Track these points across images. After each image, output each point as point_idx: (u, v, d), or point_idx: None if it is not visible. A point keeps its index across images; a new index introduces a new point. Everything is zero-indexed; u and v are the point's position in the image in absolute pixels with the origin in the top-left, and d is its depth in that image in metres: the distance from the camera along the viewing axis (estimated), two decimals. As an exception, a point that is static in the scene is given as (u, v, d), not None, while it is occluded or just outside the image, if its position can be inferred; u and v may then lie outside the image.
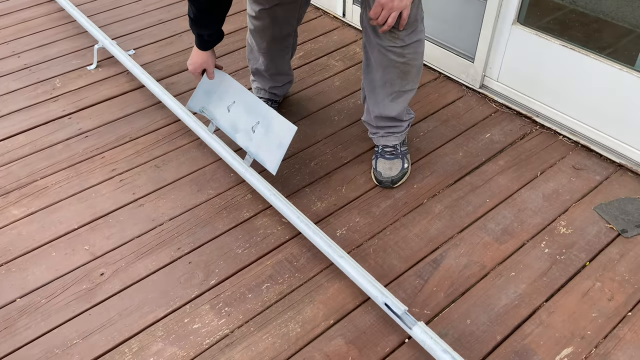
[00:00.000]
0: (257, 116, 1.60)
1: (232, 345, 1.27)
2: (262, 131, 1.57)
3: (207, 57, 1.62)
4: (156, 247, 1.50)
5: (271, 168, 1.53)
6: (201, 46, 1.58)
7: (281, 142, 1.52)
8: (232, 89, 1.67)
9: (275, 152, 1.53)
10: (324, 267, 1.44)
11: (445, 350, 1.15)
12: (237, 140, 1.63)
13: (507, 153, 1.77)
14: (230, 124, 1.65)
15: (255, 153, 1.58)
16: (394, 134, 1.70)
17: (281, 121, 1.54)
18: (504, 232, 1.52)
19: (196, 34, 1.55)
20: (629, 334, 1.26)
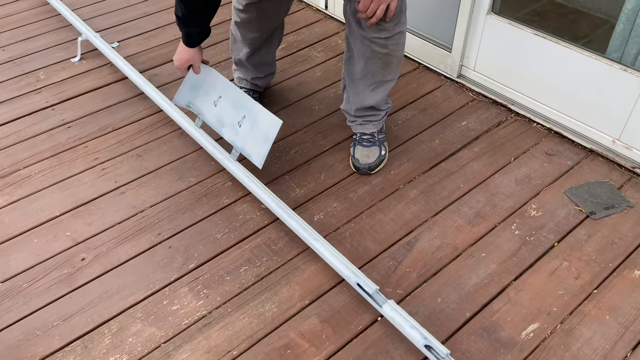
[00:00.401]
0: (243, 110, 1.61)
1: (210, 325, 1.31)
2: (248, 125, 1.59)
3: (194, 54, 1.62)
4: (137, 232, 1.53)
5: (257, 162, 1.55)
6: (189, 43, 1.59)
7: (267, 136, 1.54)
8: (219, 84, 1.68)
9: (261, 146, 1.55)
10: (301, 251, 1.48)
11: (413, 326, 1.19)
12: (224, 134, 1.64)
13: (482, 140, 1.82)
14: (217, 118, 1.67)
15: (242, 147, 1.59)
16: (372, 122, 1.73)
17: (267, 115, 1.56)
18: (477, 215, 1.56)
19: (184, 33, 1.56)
20: (593, 310, 1.31)
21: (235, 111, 1.63)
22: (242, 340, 1.27)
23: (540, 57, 1.79)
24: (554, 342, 1.25)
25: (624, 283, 1.36)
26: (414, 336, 1.18)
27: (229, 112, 1.64)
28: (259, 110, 1.58)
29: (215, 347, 1.26)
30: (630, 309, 1.31)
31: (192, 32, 1.54)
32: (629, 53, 1.64)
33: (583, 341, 1.25)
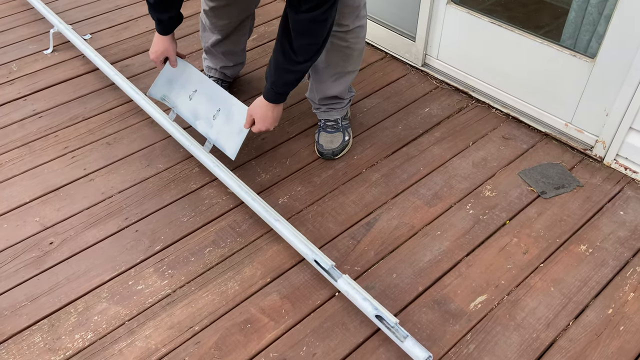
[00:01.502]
0: (218, 104, 1.64)
1: (173, 303, 1.36)
2: (223, 118, 1.62)
3: (168, 44, 1.66)
4: (105, 217, 1.57)
5: (230, 153, 1.59)
6: (162, 31, 1.62)
7: (241, 129, 1.58)
8: (194, 78, 1.71)
9: (235, 138, 1.58)
10: (264, 232, 1.53)
11: (365, 298, 1.25)
12: (197, 127, 1.67)
13: (443, 125, 1.88)
14: (191, 111, 1.69)
15: (215, 139, 1.62)
16: (336, 109, 1.79)
17: (241, 108, 1.59)
18: (434, 197, 1.62)
19: (156, 19, 1.59)
20: (539, 283, 1.38)
21: (210, 105, 1.65)
22: (204, 317, 1.33)
23: (497, 45, 1.85)
24: (501, 312, 1.31)
25: (570, 257, 1.43)
26: (366, 307, 1.24)
27: (204, 106, 1.67)
28: (233, 103, 1.61)
29: (178, 323, 1.31)
30: (574, 281, 1.38)
31: (163, 17, 1.57)
32: (582, 40, 1.71)
33: (528, 311, 1.32)
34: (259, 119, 1.52)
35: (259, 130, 1.55)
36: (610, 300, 1.34)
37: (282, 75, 1.43)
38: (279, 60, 1.40)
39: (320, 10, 1.28)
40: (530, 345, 1.25)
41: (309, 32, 1.33)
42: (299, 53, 1.36)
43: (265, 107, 1.51)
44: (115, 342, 1.27)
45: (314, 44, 1.36)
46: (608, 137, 1.65)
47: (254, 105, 1.53)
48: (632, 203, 1.58)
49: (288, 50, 1.37)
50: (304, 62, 1.39)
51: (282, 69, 1.41)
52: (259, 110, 1.52)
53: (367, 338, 1.28)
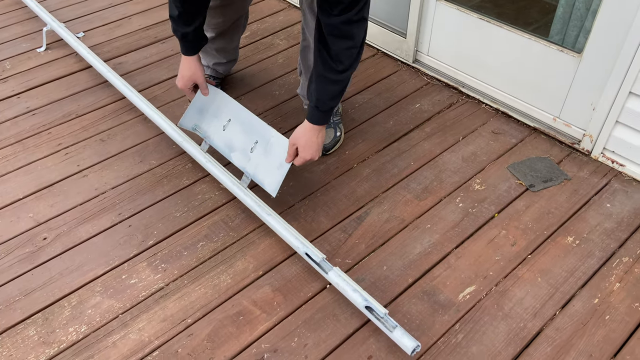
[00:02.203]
0: (255, 135, 1.54)
1: (167, 296, 1.37)
2: (261, 151, 1.52)
3: (195, 67, 1.57)
4: (98, 213, 1.58)
5: (271, 190, 1.48)
6: (188, 49, 1.54)
7: (282, 163, 1.47)
8: (227, 106, 1.62)
9: (275, 173, 1.48)
10: (257, 227, 1.55)
11: (355, 289, 1.27)
12: (233, 160, 1.57)
13: (433, 121, 1.90)
14: (226, 143, 1.59)
15: (253, 173, 1.52)
16: None
17: (282, 141, 1.49)
18: (424, 190, 1.64)
19: (180, 36, 1.52)
20: (527, 274, 1.40)
21: (246, 136, 1.55)
22: (196, 309, 1.34)
23: (486, 41, 1.87)
24: (489, 303, 1.34)
25: (557, 248, 1.46)
26: (356, 299, 1.26)
27: (239, 137, 1.57)
28: (272, 135, 1.51)
29: (171, 316, 1.33)
30: (561, 272, 1.40)
31: (188, 30, 1.49)
32: (570, 35, 1.73)
33: (515, 301, 1.34)
34: (303, 147, 1.43)
35: (304, 161, 1.44)
36: (596, 290, 1.36)
37: (326, 89, 1.36)
38: (319, 72, 1.34)
39: (354, 11, 1.24)
40: (518, 335, 1.27)
41: (345, 35, 1.28)
42: (340, 60, 1.30)
43: (310, 132, 1.42)
44: (109, 334, 1.29)
45: (353, 47, 1.30)
46: (595, 131, 1.67)
47: (296, 134, 1.44)
48: (618, 196, 1.60)
49: (327, 60, 1.31)
50: (346, 70, 1.33)
51: (325, 80, 1.34)
52: (303, 137, 1.42)
53: (357, 329, 1.30)
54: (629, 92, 1.53)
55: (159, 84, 2.07)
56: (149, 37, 2.34)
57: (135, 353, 1.25)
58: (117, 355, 1.25)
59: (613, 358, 1.23)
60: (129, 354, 1.25)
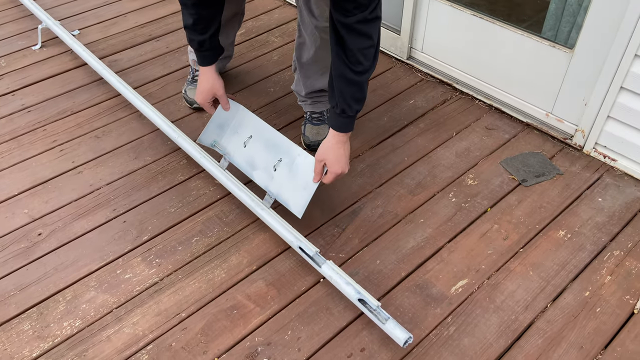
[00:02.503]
0: (279, 153, 1.48)
1: (161, 290, 1.38)
2: (285, 170, 1.45)
3: (214, 80, 1.52)
4: (93, 209, 1.59)
5: (296, 211, 1.41)
6: (205, 59, 1.49)
7: (308, 182, 1.41)
8: (248, 122, 1.55)
9: (301, 194, 1.41)
10: (251, 222, 1.56)
11: (348, 282, 1.28)
12: (255, 178, 1.51)
13: (427, 117, 1.91)
14: (247, 160, 1.52)
15: (277, 193, 1.45)
16: (322, 101, 1.81)
17: (307, 158, 1.43)
18: (418, 186, 1.65)
19: (197, 45, 1.47)
20: (518, 267, 1.41)
21: (269, 153, 1.49)
22: (191, 304, 1.35)
23: (480, 38, 1.88)
24: (481, 296, 1.35)
25: (549, 242, 1.47)
26: (349, 291, 1.27)
27: (261, 155, 1.50)
28: (299, 153, 1.45)
29: (165, 310, 1.33)
30: (552, 265, 1.41)
31: (204, 37, 1.44)
32: (563, 31, 1.74)
33: (507, 294, 1.35)
34: (332, 161, 1.37)
35: (335, 177, 1.38)
36: (587, 283, 1.37)
37: (348, 91, 1.33)
38: (340, 74, 1.31)
39: (369, 10, 1.23)
40: (509, 327, 1.28)
41: (362, 33, 1.26)
42: (359, 60, 1.29)
43: (336, 143, 1.37)
44: (103, 329, 1.29)
45: (370, 46, 1.29)
46: (587, 126, 1.68)
47: (323, 149, 1.38)
48: (610, 190, 1.62)
49: (346, 61, 1.29)
50: (367, 71, 1.31)
51: (347, 83, 1.32)
52: (331, 151, 1.37)
53: (350, 322, 1.31)
54: (620, 87, 1.55)
55: (154, 81, 2.08)
56: (144, 34, 2.34)
57: (129, 347, 1.26)
58: (112, 349, 1.25)
59: (604, 350, 1.24)
60: (123, 348, 1.25)
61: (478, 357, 1.23)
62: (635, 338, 1.26)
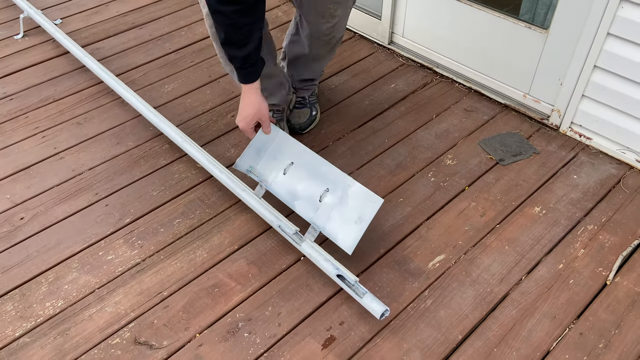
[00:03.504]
0: (325, 182, 1.37)
1: (143, 271, 1.39)
2: (334, 201, 1.33)
3: (259, 103, 1.38)
4: (75, 193, 1.60)
5: (347, 247, 1.30)
6: (247, 75, 1.33)
7: (360, 216, 1.29)
8: (289, 147, 1.44)
9: (352, 228, 1.30)
10: (233, 204, 1.57)
11: (327, 259, 1.30)
12: (297, 209, 1.39)
13: (408, 100, 1.93)
14: (287, 189, 1.41)
15: (323, 226, 1.34)
16: (306, 88, 1.81)
17: (361, 191, 1.31)
18: (398, 166, 1.68)
19: (239, 61, 1.30)
20: (494, 242, 1.44)
21: (313, 182, 1.37)
22: (172, 283, 1.37)
23: (459, 21, 1.90)
24: (457, 270, 1.37)
25: (524, 218, 1.50)
26: (328, 268, 1.29)
27: (304, 183, 1.39)
28: (349, 184, 1.33)
29: (147, 289, 1.35)
30: (527, 240, 1.44)
31: (248, 52, 1.27)
32: (539, 14, 1.77)
33: (483, 268, 1.38)
34: None
35: None
36: (561, 256, 1.41)
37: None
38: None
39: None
40: (485, 299, 1.31)
41: None
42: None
43: None
44: (86, 308, 1.31)
45: None
46: (563, 106, 1.71)
47: None
48: (585, 167, 1.65)
49: None
50: None
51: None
52: None
53: (330, 297, 1.33)
54: (594, 66, 1.57)
55: (136, 69, 2.08)
56: (127, 23, 2.34)
57: (111, 325, 1.27)
58: (94, 327, 1.27)
59: (576, 319, 1.28)
60: (105, 326, 1.27)
61: (454, 327, 1.26)
62: (607, 308, 1.30)
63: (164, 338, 1.25)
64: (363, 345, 1.23)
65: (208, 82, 2.02)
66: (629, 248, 1.41)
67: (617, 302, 1.30)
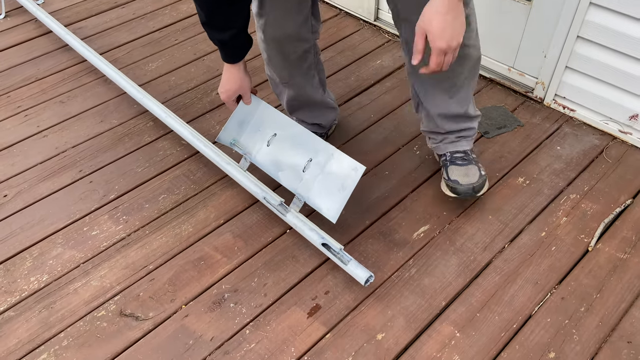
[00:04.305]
0: (308, 152, 1.35)
1: (128, 245, 1.39)
2: (317, 171, 1.32)
3: (241, 79, 1.33)
4: (58, 170, 1.59)
5: (331, 216, 1.28)
6: (228, 57, 1.29)
7: (343, 184, 1.28)
8: (271, 118, 1.41)
9: (336, 197, 1.28)
10: (218, 179, 1.57)
11: (312, 228, 1.30)
12: (282, 180, 1.38)
13: (394, 76, 1.93)
14: (271, 161, 1.40)
15: (307, 196, 1.33)
16: (465, 137, 1.44)
17: (343, 159, 1.29)
18: (384, 141, 1.68)
19: (217, 43, 1.26)
20: (478, 213, 1.45)
21: (296, 153, 1.36)
22: (158, 257, 1.37)
23: (444, -5, 1.90)
24: (441, 240, 1.39)
25: (508, 189, 1.51)
26: (313, 237, 1.30)
27: (287, 154, 1.37)
28: (331, 152, 1.31)
29: (133, 263, 1.35)
30: (511, 209, 1.46)
31: (224, 37, 1.23)
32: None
33: (467, 237, 1.39)
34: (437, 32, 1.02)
35: (439, 55, 1.04)
36: (544, 224, 1.42)
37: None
38: None
39: None
40: (468, 266, 1.33)
41: None
42: None
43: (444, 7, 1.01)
44: (71, 282, 1.31)
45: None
46: (547, 78, 1.72)
47: (427, 14, 1.03)
48: (568, 139, 1.66)
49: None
50: None
51: None
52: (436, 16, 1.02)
53: (315, 268, 1.34)
54: (577, 37, 1.58)
55: (119, 47, 2.06)
56: (109, 2, 2.30)
57: (96, 298, 1.27)
58: (79, 300, 1.27)
59: (558, 285, 1.30)
60: (90, 299, 1.27)
61: (437, 294, 1.27)
62: (589, 273, 1.32)
63: (149, 310, 1.25)
64: (348, 312, 1.25)
65: (192, 60, 2.01)
66: (611, 215, 1.43)
67: (598, 268, 1.32)
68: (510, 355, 1.17)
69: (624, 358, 1.16)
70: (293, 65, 1.40)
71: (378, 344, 1.19)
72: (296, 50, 1.37)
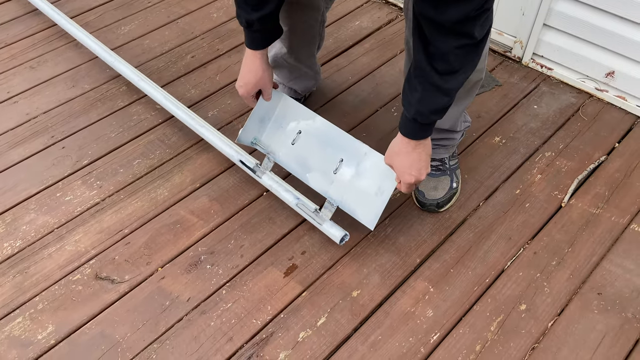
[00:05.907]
0: (339, 151, 1.25)
1: (103, 210, 1.38)
2: (350, 172, 1.23)
3: (262, 71, 1.23)
4: (30, 136, 1.55)
5: (367, 222, 1.21)
6: (251, 41, 1.19)
7: (380, 187, 1.19)
8: (294, 113, 1.31)
9: (372, 201, 1.20)
10: (194, 143, 1.55)
11: (287, 189, 1.30)
12: (310, 182, 1.29)
13: (372, 37, 1.90)
14: (297, 161, 1.30)
15: (339, 200, 1.24)
16: (443, 145, 1.37)
17: (376, 157, 1.21)
18: (362, 102, 1.66)
19: (244, 23, 1.16)
20: (455, 172, 1.46)
21: (325, 152, 1.26)
22: (133, 221, 1.36)
23: (423, -47, 1.85)
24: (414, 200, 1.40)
25: (484, 148, 1.52)
26: (288, 198, 1.30)
27: (315, 154, 1.28)
28: (365, 152, 1.22)
29: (108, 227, 1.34)
30: (487, 168, 1.46)
31: (252, 18, 1.13)
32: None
33: (443, 196, 1.40)
34: (400, 169, 1.11)
35: (409, 187, 1.13)
36: (518, 182, 1.43)
37: (426, 95, 1.01)
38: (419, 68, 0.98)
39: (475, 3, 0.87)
40: (443, 225, 1.34)
41: (455, 30, 0.91)
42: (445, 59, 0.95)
43: (405, 148, 1.09)
44: (45, 247, 1.29)
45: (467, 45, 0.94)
46: (525, 37, 1.70)
47: (390, 151, 1.12)
48: (545, 98, 1.66)
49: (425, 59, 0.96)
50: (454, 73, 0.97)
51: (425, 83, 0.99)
52: (398, 157, 1.11)
53: (291, 229, 1.34)
54: (555, -7, 1.57)
55: (91, 10, 1.99)
56: (79, -36, 2.23)
57: (71, 262, 1.27)
58: (54, 265, 1.26)
59: (531, 240, 1.32)
60: (65, 264, 1.26)
61: (412, 252, 1.29)
62: (561, 228, 1.34)
63: (125, 273, 1.25)
64: (324, 271, 1.26)
65: (167, 23, 1.95)
66: (585, 172, 1.44)
67: (571, 223, 1.34)
68: (482, 307, 1.19)
69: (593, 309, 1.20)
70: (297, 31, 1.34)
71: (353, 301, 1.21)
72: (307, 20, 1.33)
